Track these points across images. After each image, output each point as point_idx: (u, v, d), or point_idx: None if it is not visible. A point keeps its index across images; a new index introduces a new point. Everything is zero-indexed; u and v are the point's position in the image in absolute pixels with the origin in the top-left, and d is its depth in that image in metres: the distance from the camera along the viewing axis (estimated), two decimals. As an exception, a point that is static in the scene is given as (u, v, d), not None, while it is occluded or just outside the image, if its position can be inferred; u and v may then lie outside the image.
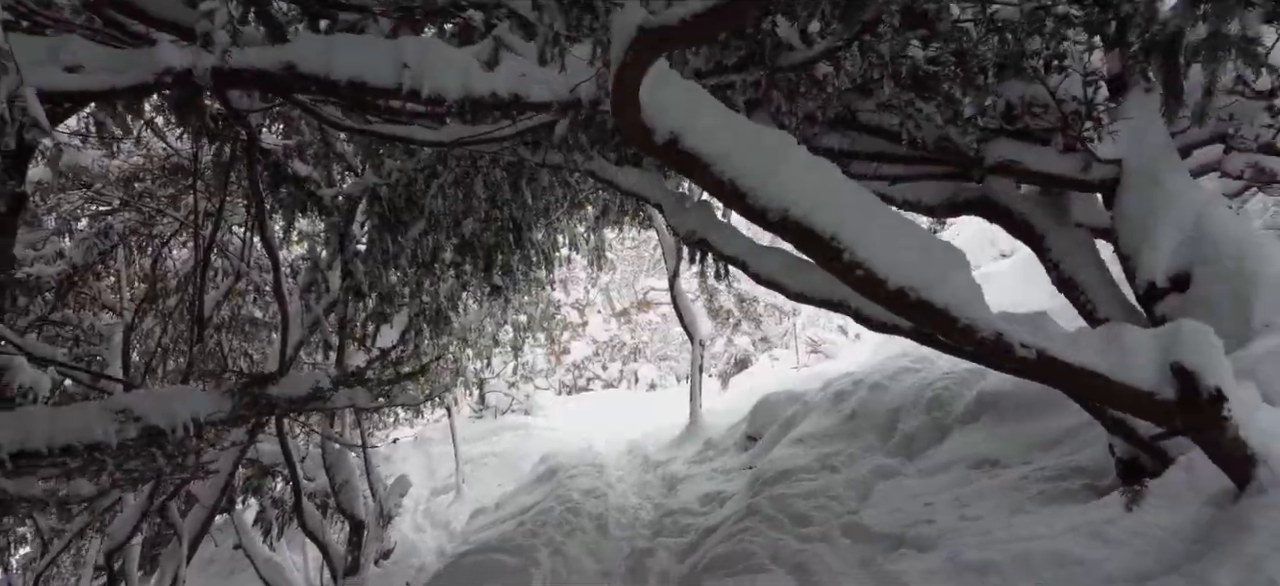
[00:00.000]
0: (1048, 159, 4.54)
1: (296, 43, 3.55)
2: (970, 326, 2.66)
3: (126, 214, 9.02)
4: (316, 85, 3.68)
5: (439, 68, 3.69)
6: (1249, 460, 2.69)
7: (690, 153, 2.64)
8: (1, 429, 4.73)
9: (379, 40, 3.87)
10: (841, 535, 4.27)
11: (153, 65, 3.38)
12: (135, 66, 3.41)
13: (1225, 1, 2.42)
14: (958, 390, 6.21)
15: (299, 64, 3.53)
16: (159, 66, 3.39)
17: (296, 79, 3.58)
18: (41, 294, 9.15)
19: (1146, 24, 2.66)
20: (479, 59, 3.95)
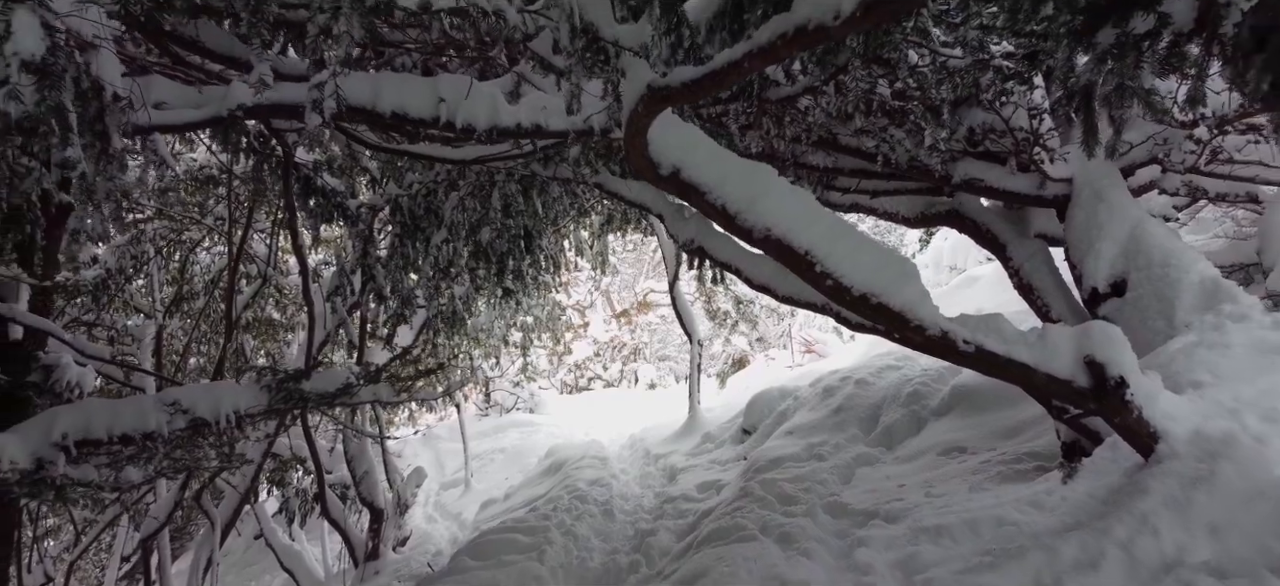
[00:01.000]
0: (1008, 178, 5.12)
1: (347, 81, 4.10)
2: (921, 325, 3.22)
3: (158, 221, 9.56)
4: (364, 117, 4.24)
5: (470, 102, 4.24)
6: (1152, 436, 3.24)
7: (690, 183, 3.20)
8: (67, 418, 5.31)
9: (417, 78, 4.42)
10: (823, 512, 4.82)
11: (227, 101, 3.94)
12: (212, 102, 3.97)
13: (1124, 59, 2.97)
14: (934, 386, 6.77)
15: (350, 98, 4.08)
16: (232, 102, 3.95)
17: (347, 111, 4.13)
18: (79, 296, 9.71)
19: (1066, 75, 3.21)
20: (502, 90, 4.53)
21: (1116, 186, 4.79)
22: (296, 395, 6.28)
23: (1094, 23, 2.87)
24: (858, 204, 6.40)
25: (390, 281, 8.22)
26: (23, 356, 5.88)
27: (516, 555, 5.46)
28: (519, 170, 6.65)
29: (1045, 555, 2.98)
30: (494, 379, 14.91)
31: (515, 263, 8.22)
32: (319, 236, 8.99)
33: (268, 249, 9.40)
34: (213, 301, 10.28)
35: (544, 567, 5.20)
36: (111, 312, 9.70)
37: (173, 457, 6.27)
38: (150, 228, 9.78)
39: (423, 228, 7.84)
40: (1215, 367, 3.52)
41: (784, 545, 4.13)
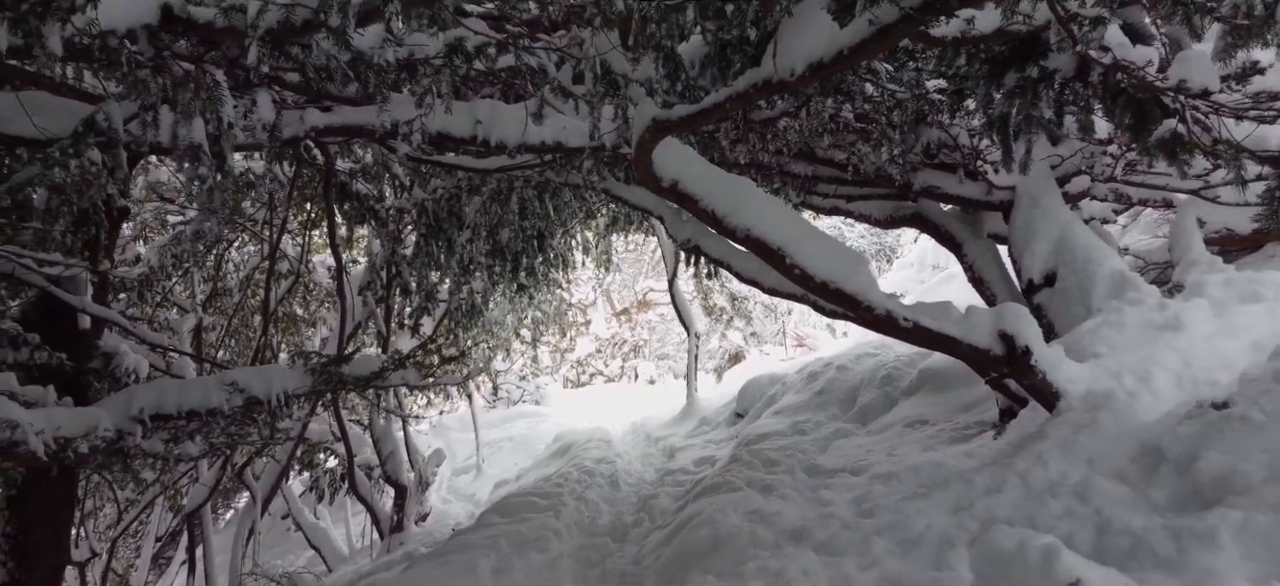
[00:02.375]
0: (960, 186, 5.95)
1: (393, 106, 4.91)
2: (870, 305, 4.04)
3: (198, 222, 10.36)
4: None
5: (502, 122, 5.06)
6: (1055, 394, 4.06)
7: (685, 193, 4.02)
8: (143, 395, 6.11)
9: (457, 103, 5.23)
10: (801, 471, 5.64)
11: (303, 124, 4.75)
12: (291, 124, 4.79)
13: (1026, 97, 3.78)
14: (905, 370, 7.59)
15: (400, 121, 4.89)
16: (307, 125, 4.76)
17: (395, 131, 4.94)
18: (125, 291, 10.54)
19: (986, 107, 4.02)
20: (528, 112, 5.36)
21: (1051, 193, 5.62)
22: (336, 377, 7.08)
23: (999, 69, 3.69)
24: (837, 207, 7.23)
25: (415, 277, 9.07)
26: (85, 344, 6.69)
27: (535, 513, 6.27)
28: (535, 177, 7.46)
29: (964, 485, 3.80)
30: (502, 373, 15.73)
31: (529, 260, 9.04)
32: (351, 236, 9.80)
33: (299, 248, 10.21)
34: (245, 297, 11.08)
35: (560, 522, 6.01)
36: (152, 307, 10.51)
37: (229, 433, 7.08)
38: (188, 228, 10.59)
39: (445, 229, 8.65)
40: (1111, 342, 4.34)
41: (764, 493, 4.95)
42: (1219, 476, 2.44)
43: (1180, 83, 2.74)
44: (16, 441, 4.93)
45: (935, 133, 5.54)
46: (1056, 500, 2.91)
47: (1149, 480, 2.82)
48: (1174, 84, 2.75)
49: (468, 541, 5.60)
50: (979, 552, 2.29)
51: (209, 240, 9.79)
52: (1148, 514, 2.48)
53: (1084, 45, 2.57)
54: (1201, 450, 2.68)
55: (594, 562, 5.18)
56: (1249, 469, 2.37)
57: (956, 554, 2.59)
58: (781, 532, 3.81)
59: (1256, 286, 4.43)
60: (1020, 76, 3.68)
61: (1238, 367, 3.79)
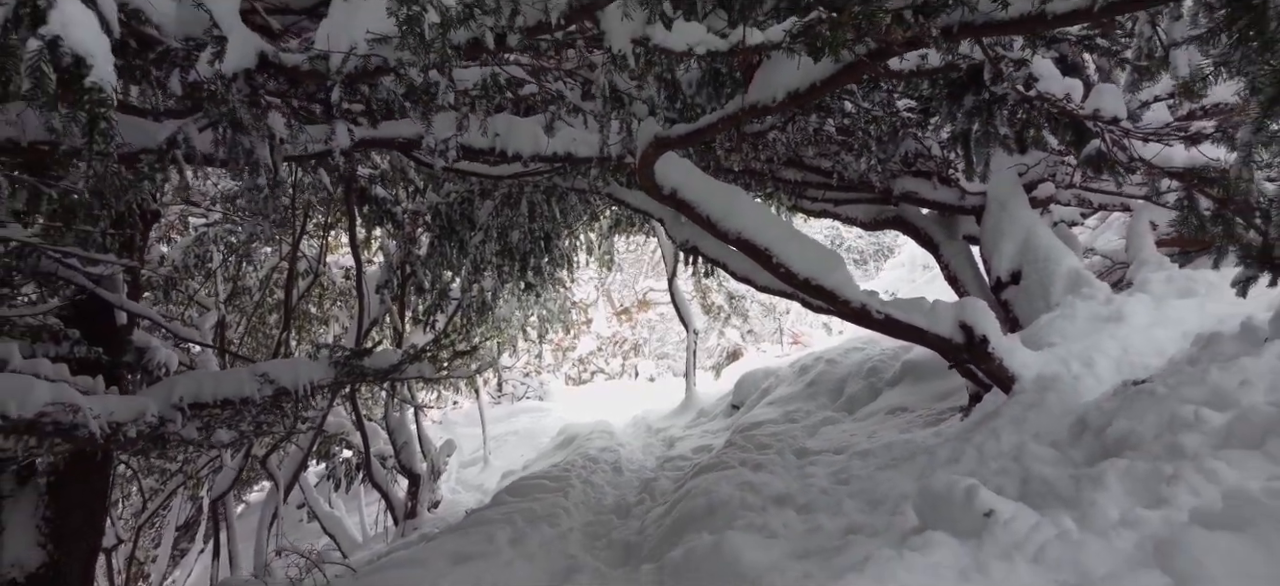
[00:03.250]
0: (935, 191, 6.48)
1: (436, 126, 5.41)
2: (847, 299, 4.57)
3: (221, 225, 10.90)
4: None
5: (517, 135, 5.57)
6: (1011, 378, 4.59)
7: (683, 200, 4.55)
8: (183, 384, 6.62)
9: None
10: (790, 453, 6.16)
11: (335, 141, 5.26)
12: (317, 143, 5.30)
13: (982, 116, 4.31)
14: (890, 363, 8.12)
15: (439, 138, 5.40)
16: (337, 143, 5.27)
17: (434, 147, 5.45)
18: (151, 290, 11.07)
19: (950, 123, 4.55)
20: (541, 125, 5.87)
21: (1018, 199, 6.15)
22: (357, 370, 7.60)
23: (958, 93, 4.22)
24: (826, 210, 7.76)
25: (429, 275, 9.60)
26: (120, 339, 7.21)
27: (545, 494, 6.79)
28: (544, 182, 7.98)
29: (928, 456, 4.33)
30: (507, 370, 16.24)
31: (536, 260, 9.57)
32: (369, 237, 10.33)
33: (317, 249, 10.74)
34: (264, 296, 11.61)
35: (569, 502, 6.54)
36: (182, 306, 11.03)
37: (258, 421, 7.60)
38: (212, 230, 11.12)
39: (457, 230, 9.18)
40: (1063, 332, 4.87)
41: (755, 470, 5.48)
42: (1120, 437, 2.96)
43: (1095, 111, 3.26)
44: (78, 424, 5.44)
45: (911, 143, 6.07)
46: (997, 462, 3.43)
47: (1073, 444, 3.35)
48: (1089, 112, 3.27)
49: (485, 517, 6.13)
50: (919, 495, 2.81)
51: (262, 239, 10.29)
52: (1062, 467, 3.00)
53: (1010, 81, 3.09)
54: (1114, 418, 3.21)
55: (600, 535, 5.71)
56: (1142, 429, 2.89)
57: (909, 504, 3.11)
58: (768, 498, 4.33)
59: (1192, 283, 4.96)
60: (977, 99, 4.21)
61: (1168, 353, 4.33)
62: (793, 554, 2.83)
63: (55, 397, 5.24)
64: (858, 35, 2.43)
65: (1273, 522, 1.61)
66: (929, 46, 2.78)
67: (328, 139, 3.48)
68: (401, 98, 3.31)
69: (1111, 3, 2.46)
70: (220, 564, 9.95)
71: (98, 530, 8.38)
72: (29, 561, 7.30)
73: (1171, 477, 2.34)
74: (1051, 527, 2.26)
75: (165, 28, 2.57)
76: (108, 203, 6.70)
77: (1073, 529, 2.23)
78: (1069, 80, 3.38)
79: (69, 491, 7.50)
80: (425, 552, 5.33)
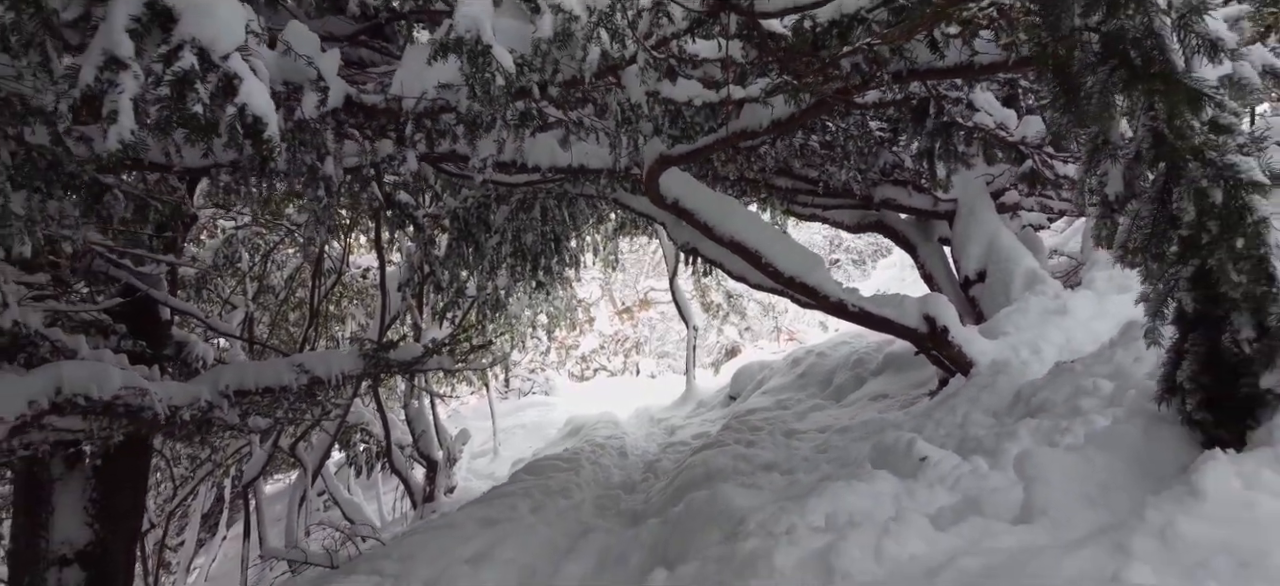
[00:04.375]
0: (914, 198, 7.17)
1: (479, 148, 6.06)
2: (826, 294, 5.26)
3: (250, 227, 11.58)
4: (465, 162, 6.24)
5: (536, 150, 6.24)
6: (969, 363, 5.28)
7: (684, 208, 5.25)
8: (228, 374, 7.29)
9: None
10: (780, 434, 6.86)
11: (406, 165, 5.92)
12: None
13: (941, 135, 5.00)
14: (874, 355, 8.81)
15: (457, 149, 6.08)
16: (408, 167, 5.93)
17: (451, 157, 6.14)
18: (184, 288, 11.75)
19: (916, 140, 5.24)
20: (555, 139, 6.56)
21: (985, 205, 6.84)
22: (384, 361, 8.28)
23: (921, 116, 4.92)
24: (815, 215, 8.46)
25: (447, 274, 10.29)
26: (161, 334, 7.90)
27: (559, 473, 7.48)
28: (555, 188, 8.67)
29: (895, 430, 5.01)
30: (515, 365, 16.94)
31: (546, 260, 10.26)
32: (392, 239, 11.01)
33: (341, 250, 11.44)
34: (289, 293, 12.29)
35: (580, 479, 7.23)
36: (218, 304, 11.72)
37: (293, 408, 8.28)
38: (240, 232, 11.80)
39: (474, 233, 9.87)
40: (1017, 323, 5.56)
41: (748, 446, 6.18)
42: (1040, 404, 3.66)
43: (1022, 138, 3.95)
44: (145, 406, 6.11)
45: (888, 155, 6.76)
46: (946, 428, 4.13)
47: (1008, 413, 4.04)
48: (1017, 139, 3.96)
49: (506, 491, 6.82)
50: (873, 449, 3.50)
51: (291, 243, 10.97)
52: (993, 429, 3.70)
53: (948, 114, 3.78)
54: (1039, 392, 3.91)
55: (609, 505, 6.40)
56: (1056, 397, 3.59)
57: (867, 458, 3.80)
58: (757, 465, 5.03)
59: (1129, 280, 5.65)
60: (935, 122, 4.90)
61: (1102, 340, 5.02)
62: (774, 499, 3.51)
63: (126, 383, 5.93)
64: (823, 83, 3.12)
65: (1098, 445, 2.27)
66: (883, 88, 3.47)
67: (400, 163, 4.15)
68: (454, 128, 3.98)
69: (1023, 58, 3.15)
70: (251, 544, 10.62)
71: (139, 511, 9.09)
72: (78, 539, 7.97)
73: (1064, 429, 3.03)
74: (968, 467, 2.95)
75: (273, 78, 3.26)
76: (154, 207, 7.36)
77: (984, 466, 2.92)
78: (1006, 110, 4.05)
79: (114, 474, 8.19)
80: (456, 518, 6.02)
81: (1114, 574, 1.50)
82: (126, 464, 8.46)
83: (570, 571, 4.35)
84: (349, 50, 5.58)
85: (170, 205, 7.01)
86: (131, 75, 2.17)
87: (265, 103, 2.36)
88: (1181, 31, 1.71)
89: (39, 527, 8.00)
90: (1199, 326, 2.08)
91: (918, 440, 3.20)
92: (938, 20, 2.58)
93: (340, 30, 5.88)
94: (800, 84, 2.92)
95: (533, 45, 2.88)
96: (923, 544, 2.06)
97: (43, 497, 8.10)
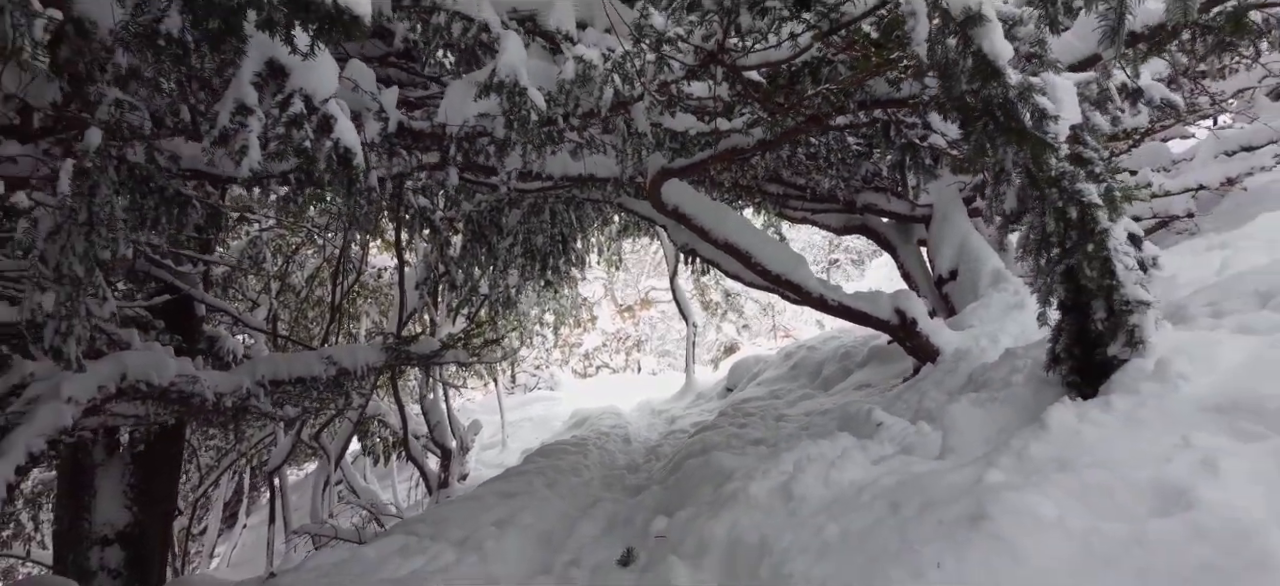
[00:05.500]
0: (893, 203, 7.84)
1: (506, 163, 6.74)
2: (808, 290, 5.93)
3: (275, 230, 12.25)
4: (492, 173, 6.90)
5: (551, 161, 6.90)
6: (935, 352, 5.94)
7: (683, 214, 5.92)
8: (263, 365, 7.94)
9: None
10: (771, 418, 7.53)
11: (449, 180, 6.59)
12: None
13: (909, 150, 5.66)
14: (859, 348, 9.48)
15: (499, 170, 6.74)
16: (450, 181, 6.60)
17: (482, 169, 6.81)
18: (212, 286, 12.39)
19: (888, 153, 5.91)
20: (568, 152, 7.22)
21: (958, 210, 7.51)
22: (405, 354, 8.94)
23: (886, 132, 5.58)
24: (805, 218, 9.13)
25: (461, 274, 10.97)
26: (196, 329, 8.56)
27: (568, 455, 8.16)
28: (564, 193, 9.35)
29: (867, 412, 5.68)
30: (520, 362, 17.62)
31: (555, 260, 10.94)
32: (412, 240, 11.68)
33: (360, 250, 12.12)
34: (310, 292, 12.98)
35: (588, 461, 7.90)
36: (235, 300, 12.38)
37: (321, 397, 8.94)
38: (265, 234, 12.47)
39: (487, 235, 10.55)
40: (980, 317, 6.23)
41: (741, 427, 6.85)
42: (983, 381, 4.33)
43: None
44: (196, 393, 6.77)
45: (868, 164, 7.43)
46: (907, 405, 4.80)
47: (961, 390, 4.71)
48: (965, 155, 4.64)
49: (521, 471, 7.49)
50: (839, 418, 4.16)
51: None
52: (944, 403, 4.37)
53: (906, 135, 4.45)
54: (986, 372, 4.58)
55: (615, 482, 7.07)
56: (996, 376, 4.26)
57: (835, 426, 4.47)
58: (747, 441, 5.70)
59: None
60: (902, 139, 5.57)
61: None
62: (757, 461, 4.19)
63: (180, 371, 6.60)
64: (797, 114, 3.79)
65: (1000, 403, 2.93)
66: (849, 114, 4.14)
67: (444, 177, 4.82)
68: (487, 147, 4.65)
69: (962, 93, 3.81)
70: (276, 527, 11.30)
71: (173, 495, 9.76)
72: (118, 520, 8.63)
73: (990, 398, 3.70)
74: (913, 428, 3.61)
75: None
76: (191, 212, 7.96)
77: (927, 428, 3.59)
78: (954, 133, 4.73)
79: (151, 461, 8.87)
80: (479, 492, 6.69)
81: (978, 478, 2.15)
82: (162, 451, 9.14)
83: (584, 530, 5.02)
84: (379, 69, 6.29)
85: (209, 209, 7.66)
86: (256, 118, 2.83)
87: (353, 137, 3.03)
88: (1021, 102, 2.35)
89: (82, 510, 8.66)
90: (1072, 311, 2.74)
91: (876, 410, 3.86)
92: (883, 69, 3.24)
93: (373, 52, 6.60)
94: (773, 119, 3.58)
95: (557, 84, 3.54)
96: (860, 473, 2.72)
97: (86, 482, 8.76)
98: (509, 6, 4.08)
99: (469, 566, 4.36)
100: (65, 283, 4.48)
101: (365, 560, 4.59)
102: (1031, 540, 1.69)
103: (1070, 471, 2.01)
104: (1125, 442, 2.10)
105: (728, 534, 2.71)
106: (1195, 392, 2.22)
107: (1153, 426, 2.13)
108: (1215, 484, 1.69)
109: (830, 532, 2.23)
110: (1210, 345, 2.46)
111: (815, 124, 4.07)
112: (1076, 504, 1.79)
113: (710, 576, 2.59)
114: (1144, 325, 2.48)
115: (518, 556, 4.66)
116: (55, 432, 5.44)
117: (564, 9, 3.81)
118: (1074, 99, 2.39)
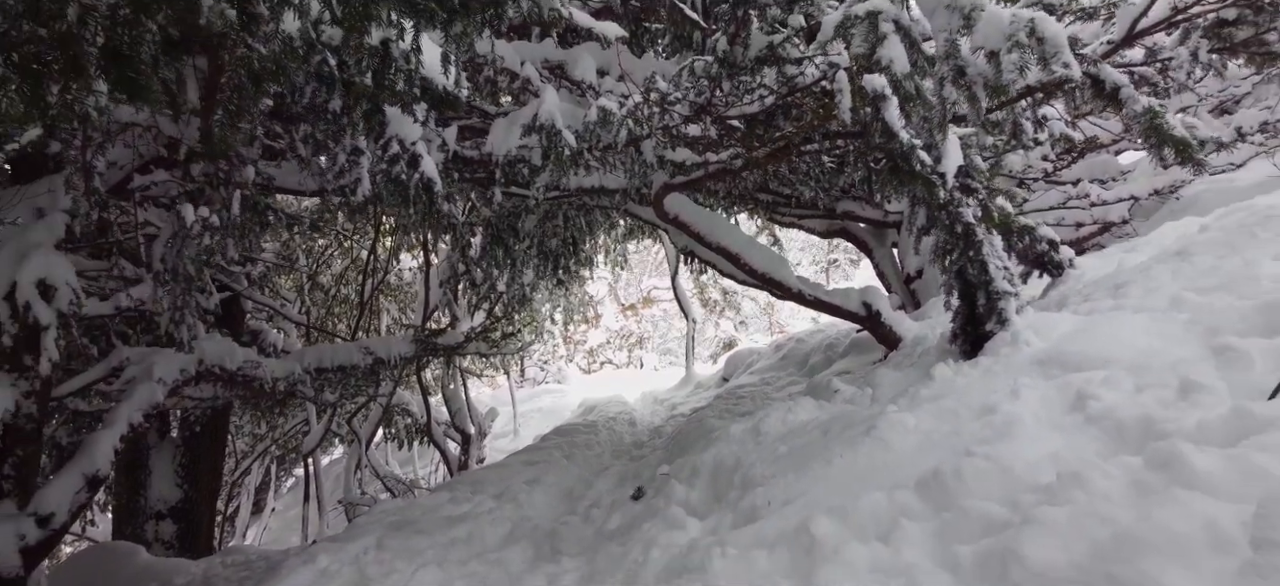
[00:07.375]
0: (868, 210, 8.87)
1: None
2: (788, 286, 6.95)
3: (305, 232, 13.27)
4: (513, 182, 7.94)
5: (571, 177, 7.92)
6: (897, 339, 6.96)
7: (682, 221, 6.95)
8: (309, 356, 8.97)
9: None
10: (760, 400, 8.56)
11: (495, 198, 7.64)
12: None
13: (869, 169, 6.69)
14: (842, 340, 10.51)
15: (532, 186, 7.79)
16: (496, 200, 7.65)
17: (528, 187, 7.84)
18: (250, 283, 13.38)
19: (859, 168, 6.93)
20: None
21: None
22: (433, 346, 9.97)
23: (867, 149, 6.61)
24: (794, 223, 10.16)
25: (480, 273, 12.02)
26: (242, 324, 9.59)
27: (580, 435, 9.21)
28: (576, 200, 10.38)
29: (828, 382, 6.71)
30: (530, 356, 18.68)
31: (566, 261, 11.99)
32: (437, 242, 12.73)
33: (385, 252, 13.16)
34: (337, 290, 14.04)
35: (598, 439, 8.95)
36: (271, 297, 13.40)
37: (357, 384, 9.97)
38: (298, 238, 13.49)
39: (504, 238, 11.58)
40: (937, 309, 7.25)
41: (732, 408, 7.89)
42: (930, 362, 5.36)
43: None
44: (258, 376, 7.80)
45: (844, 178, 8.46)
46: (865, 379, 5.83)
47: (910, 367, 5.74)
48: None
49: (539, 447, 8.54)
50: (807, 387, 5.19)
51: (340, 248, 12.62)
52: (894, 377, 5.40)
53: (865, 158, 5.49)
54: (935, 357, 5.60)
55: (623, 455, 8.11)
56: (917, 350, 5.29)
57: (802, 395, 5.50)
58: (736, 415, 6.73)
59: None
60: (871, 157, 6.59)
61: (994, 321, 6.71)
62: (736, 418, 5.22)
63: (246, 358, 7.64)
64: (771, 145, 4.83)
65: (911, 367, 3.93)
66: (815, 143, 5.18)
67: (491, 196, 5.86)
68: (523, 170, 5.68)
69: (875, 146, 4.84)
70: (310, 504, 12.34)
71: (218, 475, 10.82)
72: (170, 497, 9.68)
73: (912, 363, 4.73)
74: (860, 391, 4.64)
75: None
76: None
77: (869, 390, 4.62)
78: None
79: (200, 443, 9.93)
80: (506, 462, 7.74)
81: (882, 411, 3.16)
82: (208, 435, 10.22)
83: (599, 486, 6.06)
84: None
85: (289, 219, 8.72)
86: (366, 157, 3.85)
87: (433, 171, 4.06)
88: (911, 156, 3.36)
89: (138, 487, 9.73)
90: (965, 299, 3.76)
91: (835, 380, 4.89)
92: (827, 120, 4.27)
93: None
94: (749, 153, 4.62)
95: (583, 124, 4.57)
96: (808, 416, 3.73)
97: (142, 462, 9.84)
98: (542, 58, 5.14)
99: (509, 510, 5.39)
100: (180, 280, 5.56)
101: (422, 505, 5.63)
102: (897, 436, 2.71)
103: (936, 402, 3.04)
104: (979, 385, 3.13)
105: (713, 460, 3.73)
106: (1032, 353, 3.24)
107: (999, 375, 3.15)
108: (1014, 402, 2.71)
109: (781, 450, 3.25)
110: (1054, 322, 3.48)
111: (783, 154, 5.10)
112: (930, 418, 2.82)
113: (701, 490, 3.62)
114: (1008, 309, 3.50)
115: (546, 504, 5.71)
116: (150, 407, 6.48)
117: (587, 63, 4.86)
118: (958, 148, 3.40)
